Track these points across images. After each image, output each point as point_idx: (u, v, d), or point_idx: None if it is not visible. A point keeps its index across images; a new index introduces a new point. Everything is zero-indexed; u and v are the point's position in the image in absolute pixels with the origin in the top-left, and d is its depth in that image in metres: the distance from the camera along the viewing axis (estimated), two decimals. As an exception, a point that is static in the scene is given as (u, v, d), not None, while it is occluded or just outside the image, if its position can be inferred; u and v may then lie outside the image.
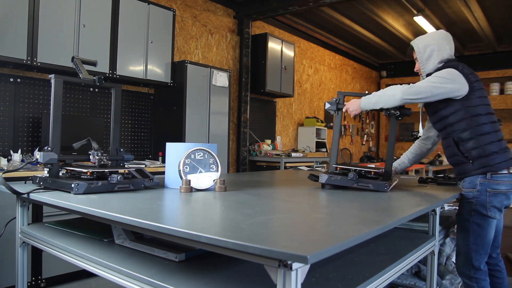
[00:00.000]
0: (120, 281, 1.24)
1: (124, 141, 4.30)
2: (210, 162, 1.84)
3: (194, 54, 5.14)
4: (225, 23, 5.67)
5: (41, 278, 2.95)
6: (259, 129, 6.26)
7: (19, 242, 1.76)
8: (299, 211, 1.39)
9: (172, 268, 1.23)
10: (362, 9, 6.25)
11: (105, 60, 3.65)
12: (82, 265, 1.41)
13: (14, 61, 3.06)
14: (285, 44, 6.12)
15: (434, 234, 1.83)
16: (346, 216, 1.37)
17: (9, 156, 3.17)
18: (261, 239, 0.96)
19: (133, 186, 1.72)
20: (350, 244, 0.94)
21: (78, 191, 1.53)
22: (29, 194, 1.57)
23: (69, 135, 3.06)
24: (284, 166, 5.48)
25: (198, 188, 1.78)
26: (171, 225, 1.06)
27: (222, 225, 1.16)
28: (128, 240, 1.46)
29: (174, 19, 4.30)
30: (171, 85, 4.28)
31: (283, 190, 2.02)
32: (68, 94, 3.77)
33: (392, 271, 1.37)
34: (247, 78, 5.75)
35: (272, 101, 6.55)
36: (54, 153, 1.67)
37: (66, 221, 1.86)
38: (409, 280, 2.21)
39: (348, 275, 1.23)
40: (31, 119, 3.51)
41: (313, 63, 7.69)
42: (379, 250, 1.55)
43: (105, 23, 3.66)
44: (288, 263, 0.85)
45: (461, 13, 6.28)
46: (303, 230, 1.11)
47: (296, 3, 5.26)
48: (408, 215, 1.34)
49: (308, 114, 7.46)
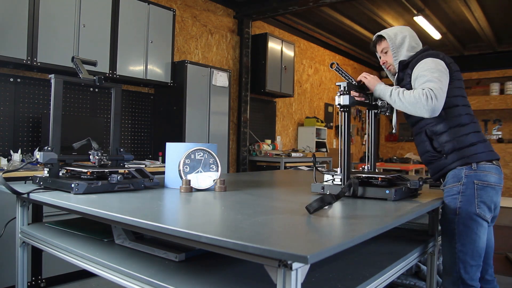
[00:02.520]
0: (120, 281, 1.24)
1: (124, 141, 4.30)
2: (210, 162, 1.84)
3: (194, 54, 5.14)
4: (225, 23, 5.67)
5: (41, 278, 2.95)
6: (259, 129, 6.26)
7: (19, 242, 1.76)
8: (299, 211, 1.39)
9: (172, 268, 1.23)
10: (362, 9, 6.25)
11: (105, 60, 3.65)
12: (82, 265, 1.41)
13: (14, 61, 3.06)
14: (285, 44, 6.12)
15: (434, 234, 1.82)
16: (346, 216, 1.37)
17: (9, 156, 3.17)
18: (261, 239, 0.96)
19: (133, 186, 1.72)
20: (350, 244, 0.94)
21: (78, 191, 1.54)
22: (29, 194, 1.57)
23: (69, 135, 3.06)
24: (284, 166, 5.48)
25: (198, 188, 1.78)
26: (171, 225, 1.06)
27: (222, 225, 1.16)
28: (128, 240, 1.46)
29: (174, 19, 4.30)
30: (171, 85, 4.28)
31: (283, 190, 2.02)
32: (68, 94, 3.77)
33: (392, 271, 1.37)
34: (247, 78, 5.75)
35: (272, 101, 6.55)
36: (54, 153, 1.67)
37: (66, 221, 1.86)
38: (409, 280, 2.21)
39: (348, 275, 1.23)
40: (31, 119, 3.51)
41: (313, 63, 7.69)
42: (379, 250, 1.55)
43: (105, 23, 3.66)
44: (288, 263, 0.85)
45: (461, 13, 6.28)
46: (303, 230, 1.11)
47: (296, 3, 5.26)
48: (408, 215, 1.33)
49: (308, 114, 7.46)
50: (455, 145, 1.80)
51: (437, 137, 1.84)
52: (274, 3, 5.38)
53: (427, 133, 1.87)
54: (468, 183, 1.74)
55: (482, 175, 1.75)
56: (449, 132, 1.81)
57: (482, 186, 1.74)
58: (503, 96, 8.41)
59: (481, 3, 5.95)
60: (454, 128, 1.81)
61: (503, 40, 7.99)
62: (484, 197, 1.73)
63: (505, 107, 8.28)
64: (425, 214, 1.75)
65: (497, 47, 8.24)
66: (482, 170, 1.75)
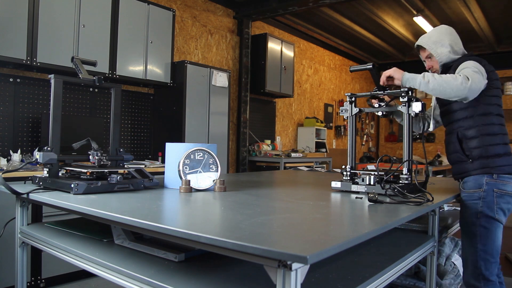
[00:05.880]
0: (119, 281, 1.24)
1: (124, 141, 4.30)
2: (210, 162, 1.84)
3: (194, 54, 5.14)
4: (225, 23, 5.67)
5: (40, 278, 2.95)
6: (258, 129, 6.26)
7: (19, 242, 1.76)
8: (299, 211, 1.39)
9: (171, 268, 1.23)
10: (362, 9, 6.25)
11: (105, 60, 3.65)
12: (81, 265, 1.41)
13: (14, 61, 3.06)
14: (285, 44, 6.12)
15: (434, 234, 1.82)
16: (346, 216, 1.37)
17: (8, 156, 3.16)
18: (261, 239, 0.95)
19: (132, 186, 1.72)
20: (350, 244, 0.94)
21: (78, 191, 1.53)
22: (28, 194, 1.57)
23: (69, 135, 3.06)
24: (283, 167, 5.48)
25: (197, 188, 1.78)
26: (171, 225, 1.06)
27: (221, 225, 1.16)
28: (127, 240, 1.46)
29: (174, 19, 4.30)
30: (171, 85, 4.28)
31: (283, 190, 2.02)
32: (68, 94, 3.77)
33: (391, 271, 1.37)
34: (247, 78, 5.75)
35: (271, 101, 6.55)
36: (54, 153, 1.67)
37: (66, 221, 1.86)
38: (409, 280, 2.20)
39: (348, 275, 1.23)
40: (31, 119, 3.51)
41: (312, 63, 7.69)
42: (379, 250, 1.55)
43: (105, 23, 3.66)
44: (287, 263, 0.85)
45: (460, 13, 6.28)
46: (303, 230, 1.11)
47: (296, 3, 5.26)
48: (407, 215, 1.33)
49: (307, 114, 7.47)
50: (482, 153, 1.92)
51: (467, 141, 1.95)
52: (274, 3, 5.38)
53: (459, 135, 1.98)
54: (488, 190, 1.90)
55: (501, 185, 1.90)
56: (480, 139, 1.93)
57: (501, 194, 1.90)
58: (503, 97, 8.41)
59: (480, 4, 5.95)
60: (484, 136, 1.92)
61: (503, 41, 7.99)
62: (502, 204, 1.91)
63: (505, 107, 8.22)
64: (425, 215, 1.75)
65: (497, 47, 8.24)
66: (501, 180, 1.91)
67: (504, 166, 1.91)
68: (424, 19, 6.35)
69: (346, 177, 1.91)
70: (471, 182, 1.96)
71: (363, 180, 1.80)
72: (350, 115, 1.99)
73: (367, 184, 1.79)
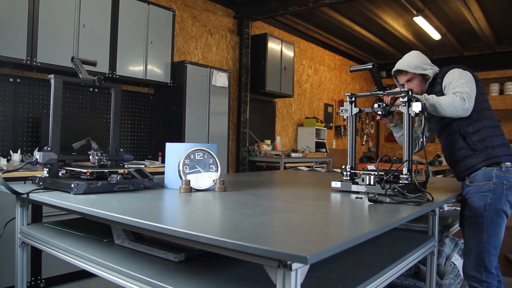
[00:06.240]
0: (119, 281, 1.24)
1: (124, 141, 4.30)
2: (210, 162, 1.84)
3: (194, 54, 5.14)
4: (225, 23, 5.67)
5: (40, 278, 2.95)
6: (258, 129, 6.26)
7: (19, 242, 1.76)
8: (299, 211, 1.39)
9: (171, 268, 1.23)
10: (362, 9, 6.25)
11: (105, 60, 3.65)
12: (81, 265, 1.41)
13: (14, 61, 3.06)
14: (285, 44, 6.12)
15: (434, 234, 1.82)
16: (346, 217, 1.37)
17: (8, 156, 3.17)
18: (261, 239, 0.95)
19: (132, 186, 1.72)
20: (350, 244, 0.94)
21: (78, 191, 1.53)
22: (28, 194, 1.57)
23: (69, 135, 3.06)
24: (283, 167, 5.48)
25: (197, 188, 1.78)
26: (171, 225, 1.06)
27: (221, 225, 1.16)
28: (127, 240, 1.46)
29: (174, 19, 4.30)
30: (171, 85, 4.28)
31: (283, 190, 2.02)
32: (68, 94, 3.77)
33: (391, 271, 1.37)
34: (247, 78, 5.76)
35: (271, 101, 6.55)
36: (54, 153, 1.67)
37: (66, 221, 1.86)
38: (409, 280, 2.21)
39: (348, 275, 1.23)
40: (30, 119, 3.51)
41: (312, 63, 7.69)
42: (379, 251, 1.55)
43: (105, 23, 3.66)
44: (287, 263, 0.85)
45: (460, 13, 6.28)
46: (303, 230, 1.11)
47: (296, 3, 5.26)
48: (407, 215, 1.33)
49: (307, 115, 7.47)
50: (487, 144, 2.00)
51: (470, 136, 2.03)
52: (274, 3, 5.38)
53: (461, 132, 2.05)
54: (498, 183, 1.95)
55: (510, 177, 1.96)
56: (482, 132, 2.01)
57: (510, 187, 1.96)
58: (502, 97, 8.41)
59: (480, 4, 5.95)
60: (485, 129, 2.02)
61: (503, 41, 7.99)
62: (510, 196, 1.96)
63: (504, 107, 8.28)
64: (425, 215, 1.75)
65: (497, 47, 8.24)
66: (510, 173, 1.97)
67: (504, 156, 1.98)
68: (424, 19, 6.35)
69: (346, 177, 1.91)
70: (480, 176, 2.01)
71: (363, 180, 1.81)
72: (350, 115, 2.00)
73: (367, 184, 1.80)
